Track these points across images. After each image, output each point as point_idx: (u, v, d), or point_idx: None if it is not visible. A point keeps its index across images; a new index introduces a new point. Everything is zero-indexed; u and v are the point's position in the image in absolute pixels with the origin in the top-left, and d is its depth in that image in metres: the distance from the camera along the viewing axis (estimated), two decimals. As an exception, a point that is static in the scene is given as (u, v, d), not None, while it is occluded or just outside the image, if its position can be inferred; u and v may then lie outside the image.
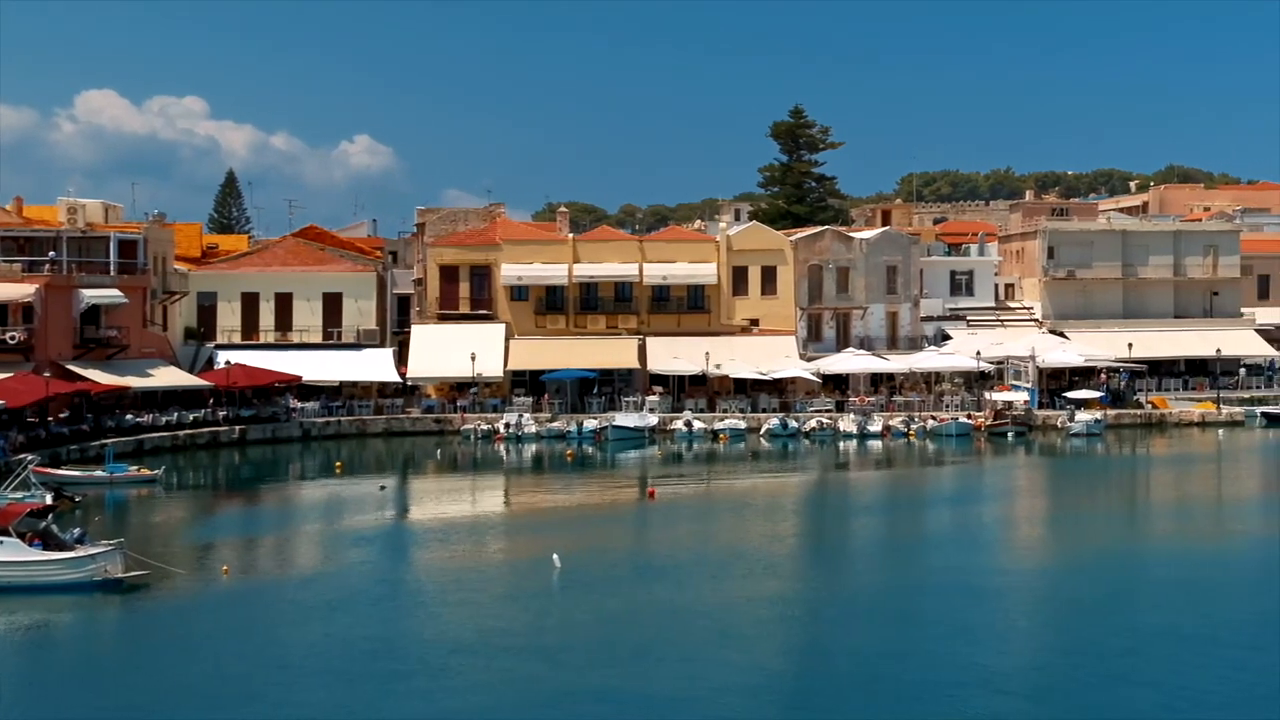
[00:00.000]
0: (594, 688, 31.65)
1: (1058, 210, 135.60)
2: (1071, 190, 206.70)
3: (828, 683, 32.24)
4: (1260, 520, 56.18)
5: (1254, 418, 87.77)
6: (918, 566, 46.19)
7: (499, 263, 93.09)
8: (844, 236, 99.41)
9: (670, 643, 35.25)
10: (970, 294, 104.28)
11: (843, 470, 73.94)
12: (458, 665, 33.49)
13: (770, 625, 37.63)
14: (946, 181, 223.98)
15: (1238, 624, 36.59)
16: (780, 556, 48.41)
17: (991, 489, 67.36)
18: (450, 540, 51.48)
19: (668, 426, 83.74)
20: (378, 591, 41.97)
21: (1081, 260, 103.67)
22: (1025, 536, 54.38)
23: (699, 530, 53.52)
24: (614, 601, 40.31)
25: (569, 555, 45.65)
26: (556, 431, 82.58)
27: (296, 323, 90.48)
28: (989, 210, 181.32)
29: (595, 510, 60.19)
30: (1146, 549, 49.24)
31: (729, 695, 30.86)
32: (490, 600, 40.79)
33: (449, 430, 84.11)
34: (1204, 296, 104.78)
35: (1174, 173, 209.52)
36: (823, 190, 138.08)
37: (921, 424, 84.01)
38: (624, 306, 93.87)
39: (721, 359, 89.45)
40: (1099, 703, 30.27)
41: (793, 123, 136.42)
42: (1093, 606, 39.26)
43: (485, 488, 69.27)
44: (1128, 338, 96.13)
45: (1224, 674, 32.04)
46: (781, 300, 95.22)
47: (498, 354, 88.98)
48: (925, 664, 33.03)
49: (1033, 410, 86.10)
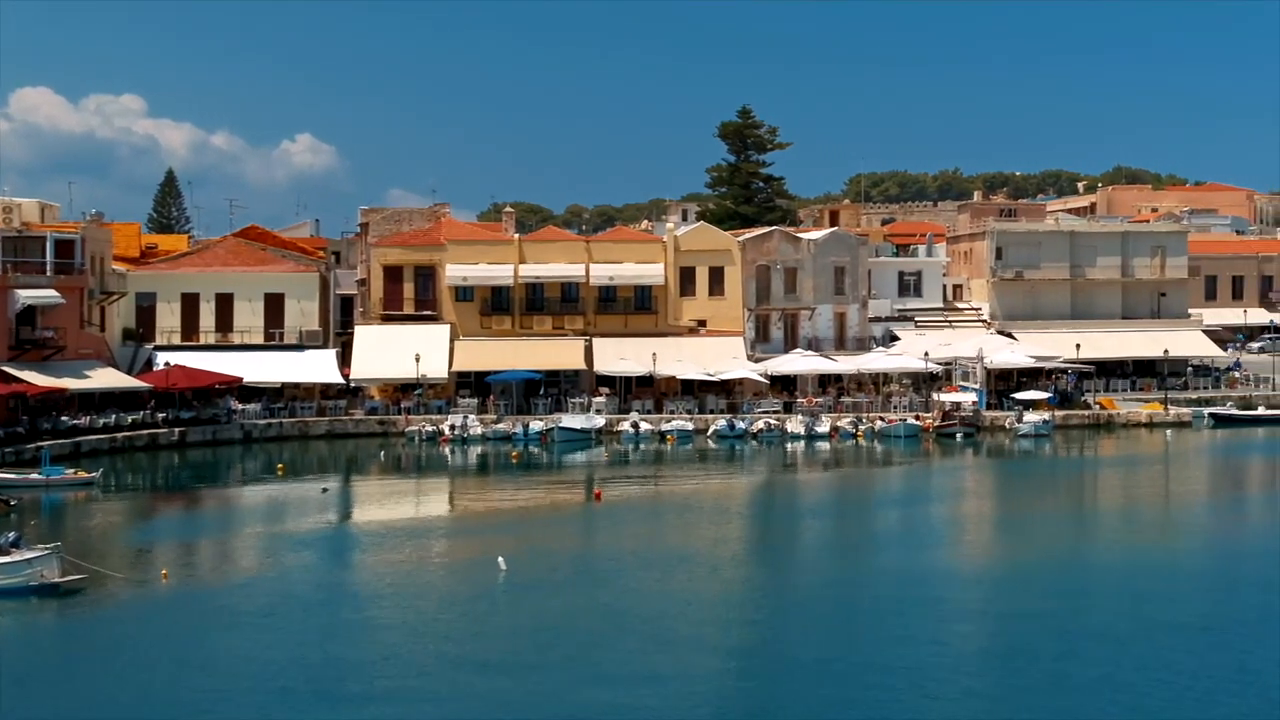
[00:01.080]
0: (535, 692, 31.56)
1: (1006, 211, 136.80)
2: (1019, 191, 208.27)
3: (770, 685, 32.25)
4: (1207, 522, 56.72)
5: (1201, 418, 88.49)
6: (863, 568, 46.34)
7: (444, 263, 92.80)
8: (792, 237, 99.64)
9: (614, 646, 35.23)
10: (918, 295, 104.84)
11: (790, 471, 74.07)
12: (397, 671, 33.31)
13: (715, 628, 37.61)
14: (894, 182, 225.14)
15: (1178, 627, 36.68)
16: (727, 559, 48.43)
17: (939, 490, 67.60)
18: (394, 543, 51.22)
19: (614, 428, 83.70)
20: (318, 596, 41.79)
21: (1029, 261, 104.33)
22: (972, 538, 54.62)
23: (645, 532, 53.45)
24: (558, 604, 40.24)
25: (514, 558, 45.63)
26: (502, 433, 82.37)
27: (237, 323, 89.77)
28: (937, 211, 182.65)
29: (541, 512, 60.05)
30: (1092, 551, 49.47)
31: (673, 698, 30.86)
32: (433, 604, 40.65)
33: (393, 432, 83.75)
34: (1152, 297, 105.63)
35: (1122, 174, 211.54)
36: (770, 191, 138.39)
37: (869, 425, 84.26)
38: (570, 307, 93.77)
39: (668, 360, 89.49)
40: (1033, 705, 30.39)
41: (741, 123, 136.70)
42: (1035, 609, 39.32)
43: (430, 490, 69.10)
44: (1076, 338, 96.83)
45: (1161, 677, 32.10)
46: (729, 301, 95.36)
47: (443, 355, 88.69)
48: (865, 667, 33.06)
49: (981, 411, 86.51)
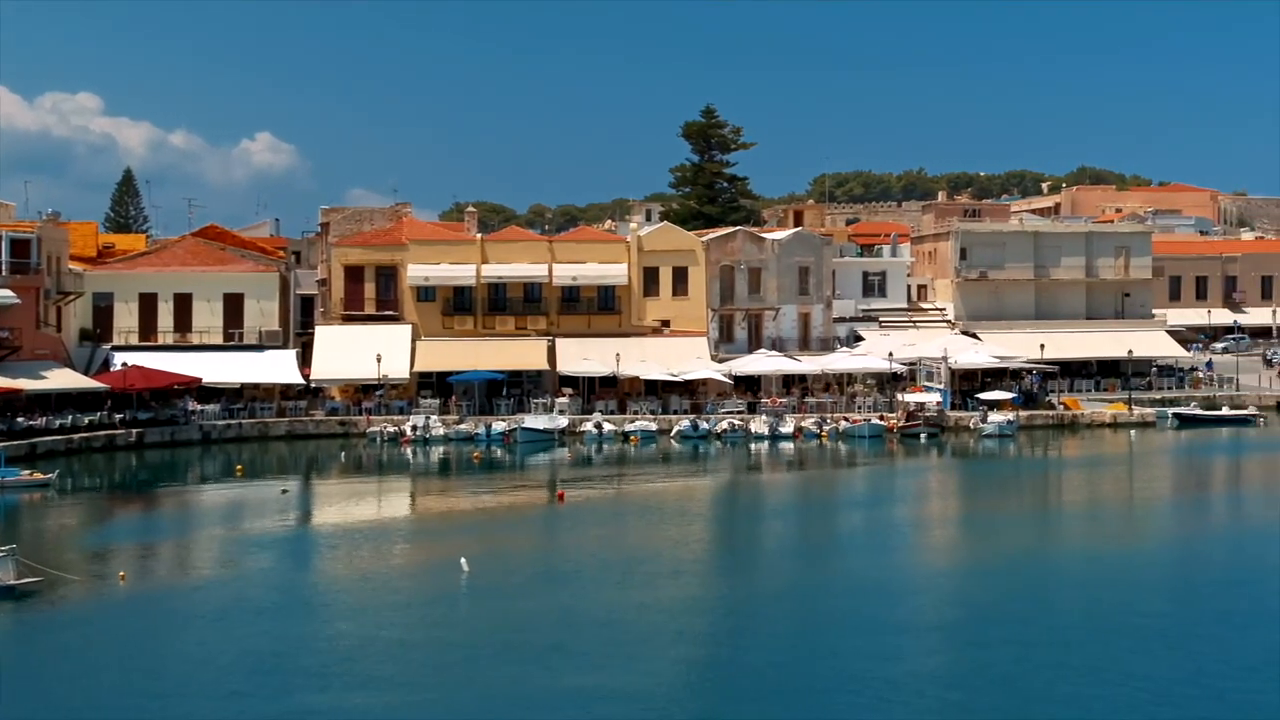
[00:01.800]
0: (496, 696, 31.49)
1: (970, 211, 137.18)
2: (984, 191, 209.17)
3: (727, 690, 32.27)
4: (1169, 523, 56.98)
5: (1165, 418, 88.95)
6: (825, 571, 46.35)
7: (405, 263, 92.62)
8: (756, 237, 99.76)
9: (572, 650, 35.17)
10: (883, 295, 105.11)
11: (754, 472, 74.16)
12: (351, 675, 33.19)
13: (674, 632, 37.55)
14: (859, 182, 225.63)
15: (1135, 629, 36.75)
16: (689, 561, 48.37)
17: (903, 491, 67.83)
18: (354, 545, 51.11)
19: (578, 428, 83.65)
20: (276, 599, 41.63)
21: (994, 261, 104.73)
22: (934, 540, 54.69)
23: (609, 533, 53.50)
24: (521, 606, 40.19)
25: (477, 559, 45.58)
26: (464, 434, 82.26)
27: (196, 324, 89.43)
28: (901, 211, 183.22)
29: (504, 513, 59.99)
30: (1054, 553, 49.52)
31: (630, 702, 30.87)
32: (393, 606, 40.53)
33: (354, 433, 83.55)
34: (1116, 298, 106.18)
35: (1086, 174, 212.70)
36: (734, 191, 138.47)
37: (834, 425, 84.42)
38: (533, 307, 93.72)
39: (632, 360, 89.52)
40: (986, 708, 30.51)
41: (704, 123, 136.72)
42: (994, 612, 39.34)
43: (391, 491, 68.91)
44: (1040, 339, 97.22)
45: (1113, 679, 32.16)
46: (693, 301, 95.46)
47: (404, 355, 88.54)
48: (824, 671, 33.14)
49: (945, 411, 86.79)
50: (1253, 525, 55.90)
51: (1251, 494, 67.14)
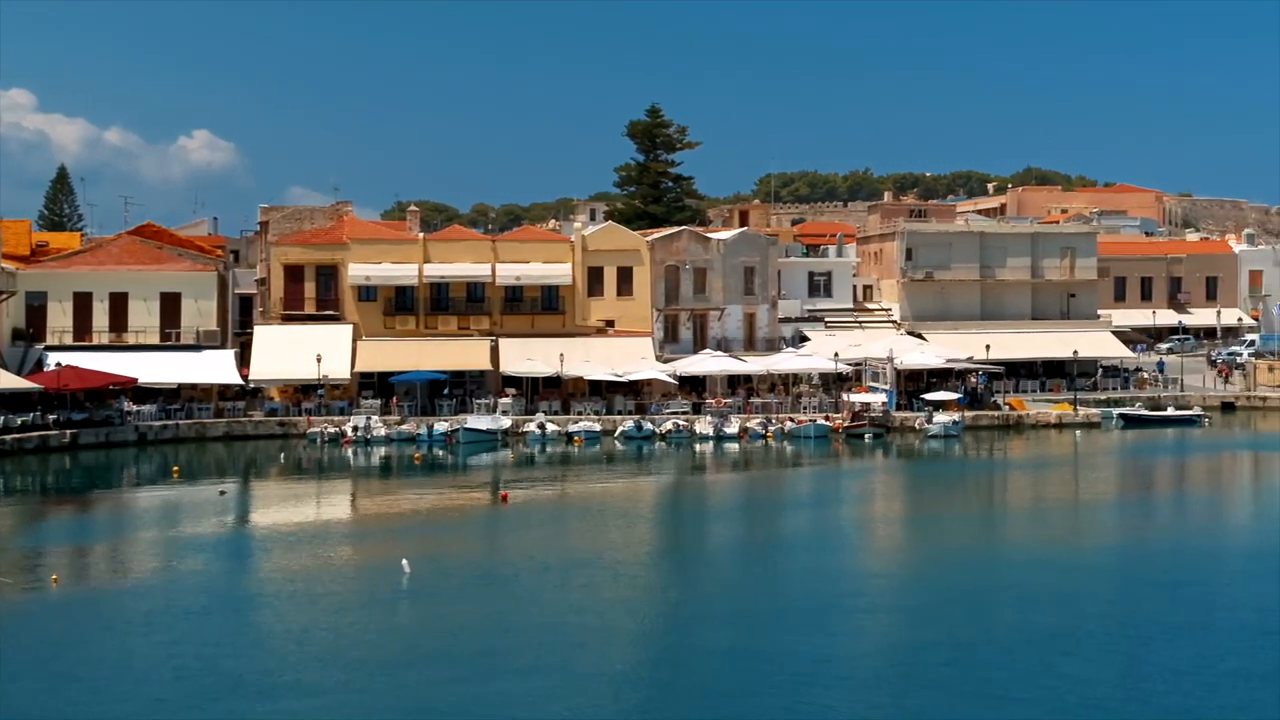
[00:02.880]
0: (426, 701, 31.35)
1: (916, 212, 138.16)
2: (930, 192, 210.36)
3: (671, 691, 32.24)
4: (1112, 524, 57.21)
5: (1110, 419, 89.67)
6: (768, 573, 46.42)
7: (346, 262, 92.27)
8: (701, 237, 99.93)
9: (518, 652, 35.01)
10: (828, 295, 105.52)
11: (699, 473, 74.25)
12: (287, 679, 32.98)
13: (621, 633, 37.50)
14: (805, 182, 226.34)
15: (1067, 632, 36.75)
16: (634, 562, 48.23)
17: (848, 492, 68.01)
18: (293, 547, 50.81)
19: (521, 429, 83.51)
20: (211, 601, 41.26)
21: (939, 262, 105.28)
22: (878, 542, 54.83)
23: (552, 535, 53.44)
24: (461, 609, 40.08)
25: (419, 561, 45.38)
26: (406, 434, 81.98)
27: (132, 323, 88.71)
28: (847, 211, 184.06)
29: (446, 515, 59.81)
30: (997, 554, 49.63)
31: (573, 706, 30.82)
32: (331, 609, 40.23)
33: (294, 434, 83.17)
34: (1061, 298, 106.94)
35: (1032, 175, 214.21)
36: (680, 190, 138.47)
37: (779, 426, 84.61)
38: (476, 307, 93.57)
39: (576, 360, 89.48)
40: (916, 711, 30.65)
41: (649, 122, 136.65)
42: (934, 614, 39.40)
43: (331, 492, 68.55)
44: (985, 339, 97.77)
45: (1043, 682, 32.19)
46: (637, 301, 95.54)
47: (345, 355, 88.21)
48: (763, 674, 33.06)
49: (890, 412, 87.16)
50: (1195, 527, 56.21)
51: (1196, 495, 67.55)
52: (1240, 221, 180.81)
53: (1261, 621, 37.68)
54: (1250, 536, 53.43)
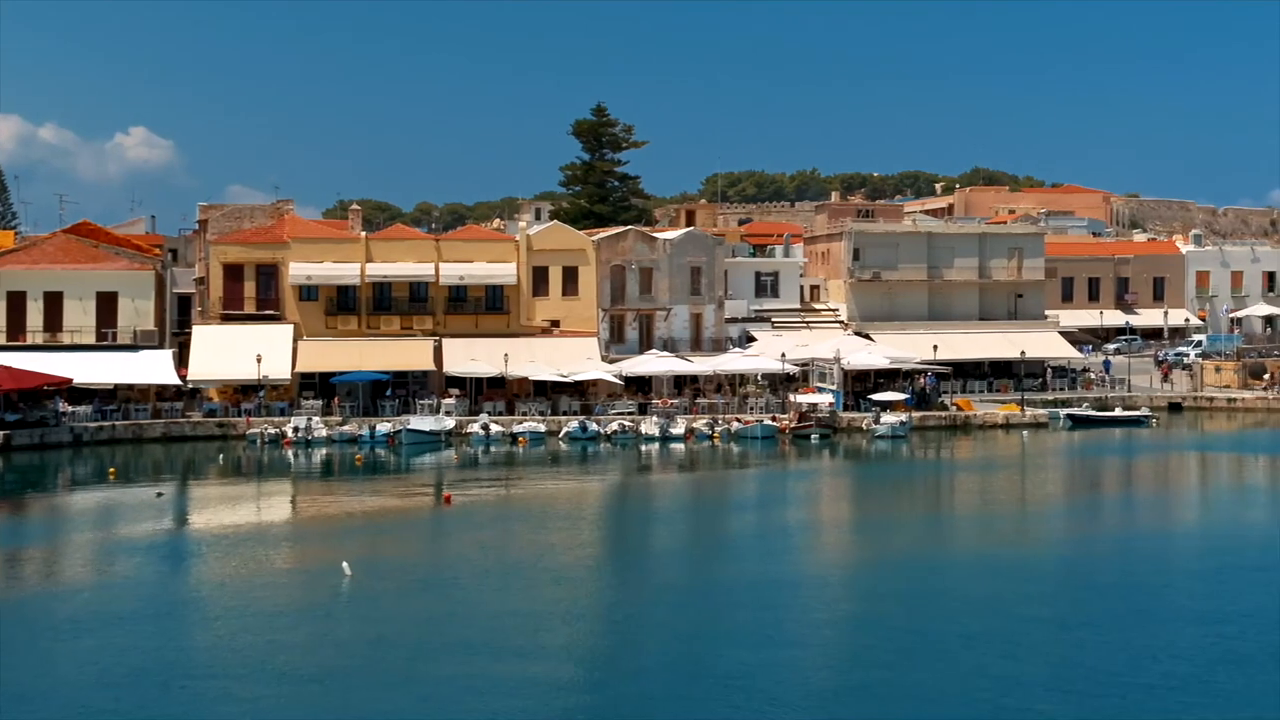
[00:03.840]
0: (368, 705, 31.17)
1: (863, 212, 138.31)
2: (877, 192, 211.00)
3: (611, 696, 32.13)
4: (1059, 526, 57.32)
5: (1058, 419, 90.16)
6: (712, 575, 46.29)
7: (287, 261, 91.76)
8: (647, 237, 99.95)
9: (456, 656, 34.87)
10: (775, 295, 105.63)
11: (644, 474, 74.17)
12: (222, 686, 32.62)
13: (561, 637, 37.29)
14: (751, 182, 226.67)
15: (1002, 634, 36.79)
16: (577, 565, 48.03)
17: (795, 493, 67.99)
18: (232, 550, 50.39)
19: (464, 430, 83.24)
20: (146, 606, 40.85)
21: (887, 262, 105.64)
22: (824, 543, 54.70)
23: (496, 537, 53.27)
24: (404, 612, 39.85)
25: (360, 563, 45.11)
26: (348, 435, 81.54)
27: (67, 323, 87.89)
28: (794, 211, 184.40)
29: (388, 517, 59.46)
30: (943, 556, 49.52)
31: (509, 710, 30.68)
32: (271, 613, 39.92)
33: (233, 435, 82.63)
34: (1009, 299, 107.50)
35: (979, 175, 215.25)
36: (626, 190, 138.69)
37: (725, 426, 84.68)
38: (419, 307, 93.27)
39: (520, 361, 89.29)
40: (847, 714, 30.66)
41: (595, 121, 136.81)
42: (876, 616, 39.50)
43: (271, 494, 68.10)
44: (933, 340, 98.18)
45: (976, 685, 32.23)
46: (583, 301, 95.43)
47: (285, 356, 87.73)
48: (706, 677, 33.01)
49: (838, 412, 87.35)
50: (1140, 529, 56.27)
51: (1142, 496, 67.87)
52: (1187, 222, 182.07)
53: (1201, 624, 37.79)
54: (1195, 538, 53.62)
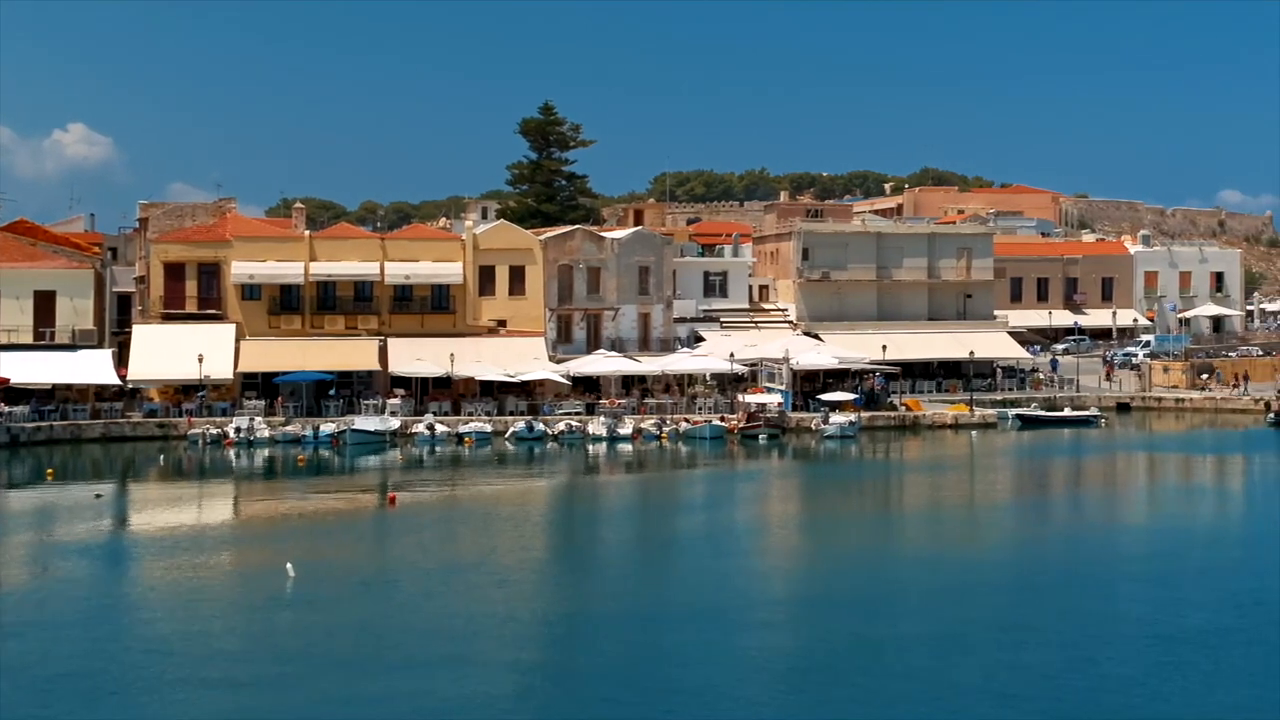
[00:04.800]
0: (309, 708, 31.09)
1: (812, 212, 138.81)
2: (826, 192, 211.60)
3: (552, 698, 32.16)
4: (1006, 527, 57.56)
5: (1006, 419, 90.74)
6: (659, 576, 46.44)
7: (229, 260, 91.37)
8: (595, 236, 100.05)
9: (399, 658, 34.80)
10: (724, 295, 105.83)
11: (592, 474, 74.28)
12: (159, 690, 32.41)
13: (505, 640, 37.22)
14: (700, 181, 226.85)
15: (939, 637, 36.84)
16: (523, 567, 47.89)
17: (743, 494, 68.18)
18: (173, 551, 50.06)
19: (409, 430, 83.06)
20: (84, 608, 40.57)
21: (836, 262, 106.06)
22: (771, 544, 54.73)
23: (442, 538, 53.29)
24: (349, 614, 39.69)
25: (304, 565, 44.95)
26: (291, 436, 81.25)
27: (4, 322, 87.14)
28: (743, 211, 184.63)
29: (333, 518, 59.19)
30: (889, 557, 49.63)
31: (450, 713, 30.69)
32: (213, 615, 39.74)
33: (174, 435, 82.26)
34: (957, 299, 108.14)
35: (929, 175, 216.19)
36: (573, 189, 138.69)
37: (674, 427, 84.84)
38: (364, 306, 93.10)
39: (467, 360, 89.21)
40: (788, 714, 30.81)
41: (543, 120, 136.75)
42: (817, 618, 39.64)
43: (213, 495, 67.69)
44: (882, 340, 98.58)
45: (905, 688, 32.33)
46: (530, 301, 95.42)
47: (227, 355, 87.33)
48: (647, 681, 33.08)
49: (786, 413, 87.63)
50: (1087, 530, 56.65)
51: (1090, 496, 68.38)
52: (1136, 223, 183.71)
53: (1143, 626, 37.97)
54: (1141, 540, 53.81)
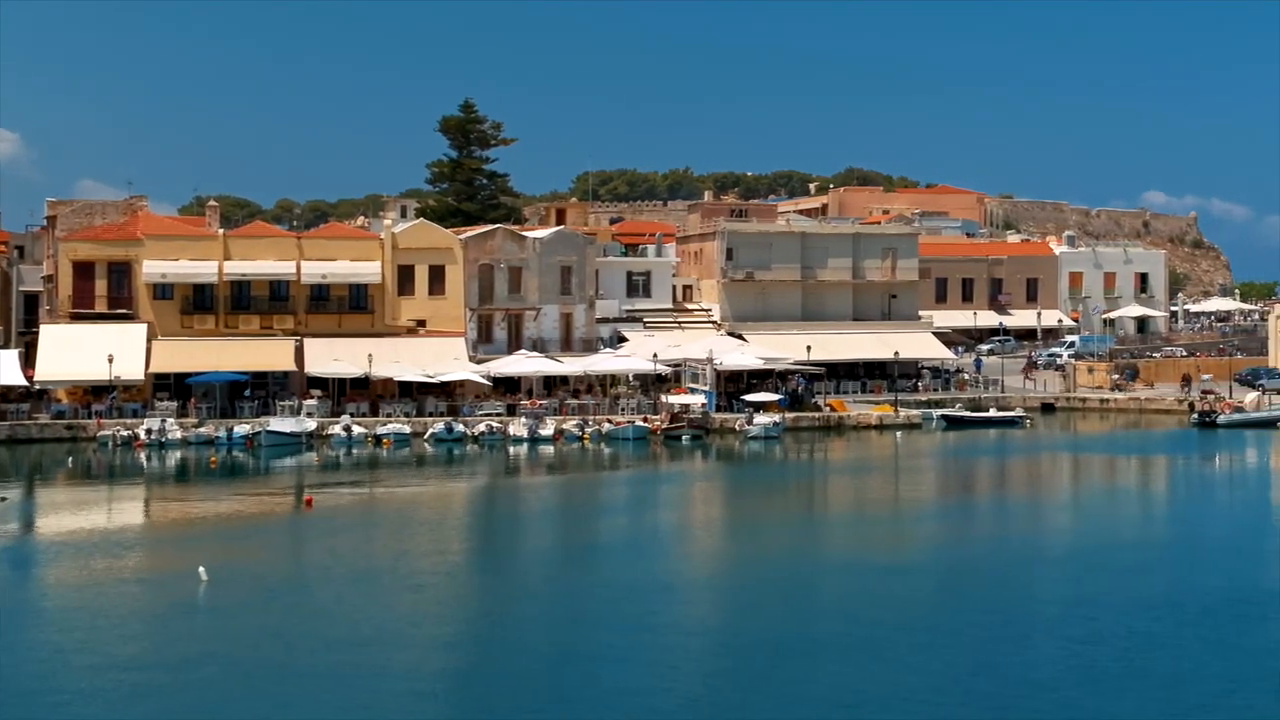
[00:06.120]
0: (218, 716, 30.92)
1: (737, 211, 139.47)
2: (751, 191, 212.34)
3: (465, 705, 32.13)
4: (928, 530, 57.60)
5: (931, 420, 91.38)
6: (579, 579, 46.37)
7: (141, 259, 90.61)
8: (516, 235, 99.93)
9: (312, 664, 34.65)
10: (648, 295, 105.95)
11: (512, 476, 74.24)
12: (62, 697, 32.00)
13: (420, 645, 37.09)
14: (624, 181, 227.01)
15: (847, 640, 36.98)
16: (440, 571, 47.60)
17: (665, 496, 68.23)
18: (81, 555, 49.48)
19: (326, 431, 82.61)
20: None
21: (760, 262, 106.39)
22: (692, 547, 54.64)
23: (359, 541, 53.05)
24: (263, 618, 39.40)
25: (217, 569, 44.55)
26: (204, 437, 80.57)
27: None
28: (667, 211, 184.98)
29: (247, 520, 58.85)
30: (809, 560, 49.57)
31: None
32: (122, 620, 39.34)
33: (83, 437, 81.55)
34: (882, 299, 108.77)
35: (853, 175, 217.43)
36: (494, 188, 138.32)
37: (596, 428, 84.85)
38: (280, 306, 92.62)
39: (385, 361, 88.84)
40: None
41: (463, 117, 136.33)
42: (736, 621, 39.81)
43: (123, 498, 67.05)
44: (806, 340, 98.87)
45: (811, 691, 32.39)
46: (450, 300, 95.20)
47: (139, 356, 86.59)
48: (563, 685, 33.05)
49: (710, 413, 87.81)
50: (1009, 532, 56.79)
51: (1014, 498, 68.82)
52: (1061, 223, 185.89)
53: (1057, 630, 38.12)
54: (1063, 543, 54.04)
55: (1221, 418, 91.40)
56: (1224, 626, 38.26)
